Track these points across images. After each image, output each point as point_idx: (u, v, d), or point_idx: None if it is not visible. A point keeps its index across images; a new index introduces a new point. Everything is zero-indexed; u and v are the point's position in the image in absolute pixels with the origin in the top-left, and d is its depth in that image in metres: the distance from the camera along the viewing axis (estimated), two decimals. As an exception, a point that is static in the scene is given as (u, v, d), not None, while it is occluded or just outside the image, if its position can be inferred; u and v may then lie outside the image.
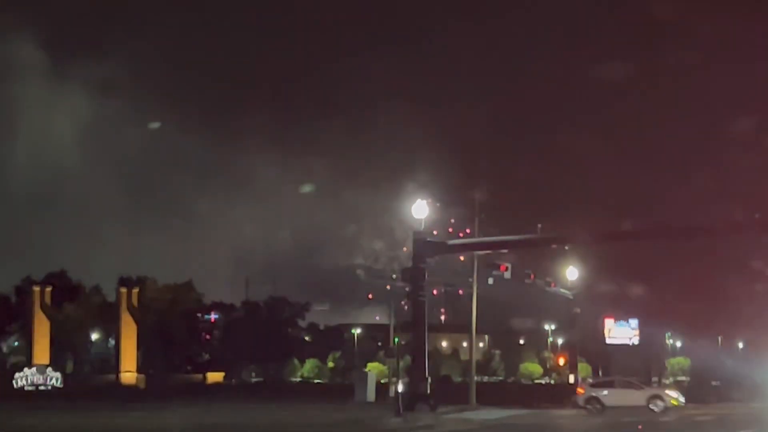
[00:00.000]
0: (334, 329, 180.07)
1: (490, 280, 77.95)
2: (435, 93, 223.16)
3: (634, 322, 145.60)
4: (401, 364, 73.27)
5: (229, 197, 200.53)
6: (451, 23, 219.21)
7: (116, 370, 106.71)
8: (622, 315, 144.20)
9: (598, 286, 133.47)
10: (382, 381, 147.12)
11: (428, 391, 57.69)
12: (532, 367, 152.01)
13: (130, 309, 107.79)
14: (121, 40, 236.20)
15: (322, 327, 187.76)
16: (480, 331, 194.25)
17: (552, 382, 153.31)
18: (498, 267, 73.80)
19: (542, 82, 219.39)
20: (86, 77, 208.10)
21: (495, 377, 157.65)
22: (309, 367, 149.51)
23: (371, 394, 74.98)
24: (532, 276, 77.86)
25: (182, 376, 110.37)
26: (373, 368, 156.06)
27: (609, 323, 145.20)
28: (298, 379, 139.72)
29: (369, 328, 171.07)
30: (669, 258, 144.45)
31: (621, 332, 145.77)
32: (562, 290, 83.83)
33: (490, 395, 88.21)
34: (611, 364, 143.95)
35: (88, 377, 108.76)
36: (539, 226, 75.02)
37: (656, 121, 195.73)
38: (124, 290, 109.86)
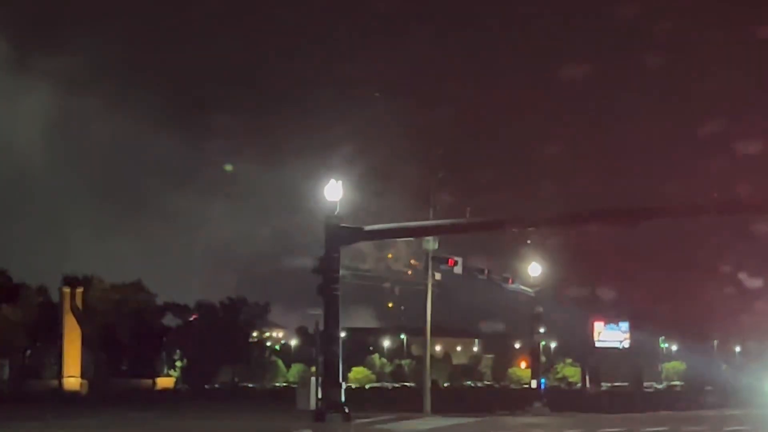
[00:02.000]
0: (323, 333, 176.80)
1: (438, 275, 73.80)
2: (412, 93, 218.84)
3: (624, 325, 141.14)
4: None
5: (199, 196, 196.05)
6: (419, 26, 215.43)
7: (58, 374, 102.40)
8: (612, 317, 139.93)
9: (581, 286, 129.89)
10: (366, 386, 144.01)
11: (342, 398, 52.69)
12: (521, 372, 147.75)
13: (74, 310, 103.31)
14: (90, 35, 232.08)
15: (311, 331, 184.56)
16: (470, 335, 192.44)
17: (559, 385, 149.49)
18: (446, 261, 69.45)
19: (503, 84, 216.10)
20: (52, 72, 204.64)
21: (482, 382, 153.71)
22: (294, 371, 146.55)
23: (314, 401, 70.75)
24: (486, 272, 72.55)
25: (129, 382, 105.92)
26: (358, 373, 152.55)
27: (598, 326, 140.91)
28: (283, 384, 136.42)
29: (354, 332, 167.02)
30: (659, 258, 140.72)
31: (611, 335, 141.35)
32: (522, 287, 78.43)
33: (457, 401, 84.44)
34: (600, 367, 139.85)
35: (24, 383, 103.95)
36: (468, 209, 70.65)
37: (621, 124, 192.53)
38: (67, 290, 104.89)
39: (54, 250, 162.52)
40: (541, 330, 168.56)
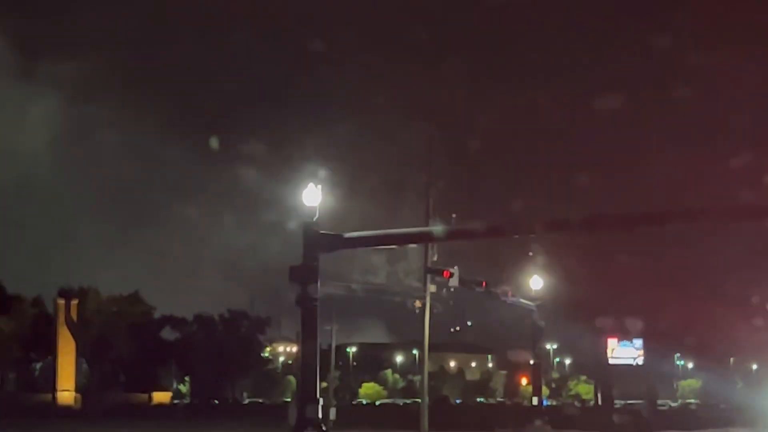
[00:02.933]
0: (337, 349, 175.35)
1: (433, 288, 71.85)
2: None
3: (638, 342, 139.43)
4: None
5: (206, 207, 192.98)
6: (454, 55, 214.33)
7: (52, 388, 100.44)
8: (626, 334, 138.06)
9: (596, 301, 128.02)
10: (377, 403, 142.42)
11: (319, 415, 50.47)
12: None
13: (68, 322, 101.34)
14: (98, 44, 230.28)
15: (325, 346, 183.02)
16: (483, 351, 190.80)
17: (553, 403, 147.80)
18: (441, 272, 67.20)
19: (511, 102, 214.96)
20: (59, 80, 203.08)
21: (494, 398, 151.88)
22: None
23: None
24: (484, 283, 69.85)
25: (124, 396, 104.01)
26: (368, 389, 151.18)
27: (612, 343, 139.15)
28: (289, 399, 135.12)
29: (366, 347, 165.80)
30: (677, 278, 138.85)
31: (625, 352, 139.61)
32: (523, 300, 75.92)
33: (459, 417, 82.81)
34: (614, 385, 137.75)
35: (16, 397, 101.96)
36: (453, 215, 68.52)
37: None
38: (62, 302, 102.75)
39: (55, 262, 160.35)
40: (554, 346, 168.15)
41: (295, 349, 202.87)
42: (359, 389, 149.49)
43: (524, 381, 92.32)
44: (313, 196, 47.51)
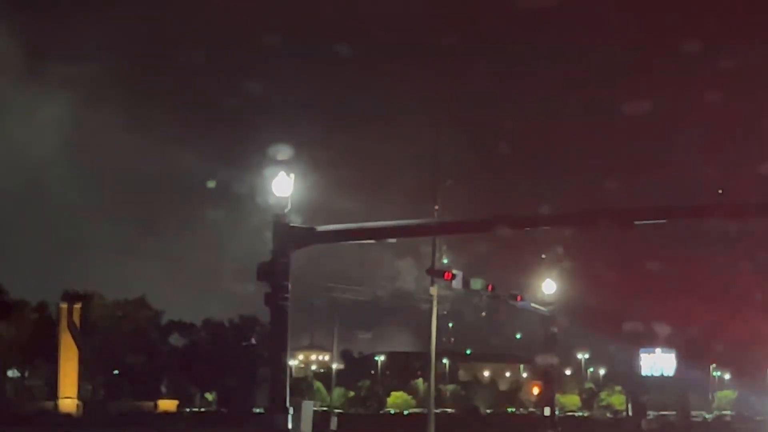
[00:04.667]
0: (368, 357, 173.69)
1: (433, 290, 69.51)
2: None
3: (671, 354, 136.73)
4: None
5: (229, 210, 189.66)
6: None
7: (54, 396, 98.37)
8: (657, 343, 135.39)
9: (626, 309, 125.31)
10: (405, 413, 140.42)
11: (289, 426, 46.84)
12: (564, 399, 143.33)
13: (71, 328, 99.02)
14: (108, 47, 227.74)
15: (356, 355, 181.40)
16: (515, 360, 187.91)
17: (585, 414, 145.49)
18: (442, 274, 64.38)
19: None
20: (68, 82, 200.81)
21: (525, 408, 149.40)
22: (336, 395, 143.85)
23: (307, 426, 67.06)
24: (490, 287, 66.76)
25: (129, 404, 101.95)
26: (396, 398, 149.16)
27: (644, 352, 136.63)
28: (323, 408, 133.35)
29: (394, 356, 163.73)
30: (713, 288, 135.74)
31: (658, 363, 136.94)
32: (534, 305, 72.79)
33: (472, 428, 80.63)
34: (647, 396, 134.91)
35: (15, 404, 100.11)
36: (436, 207, 66.12)
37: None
38: (64, 306, 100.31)
39: (64, 266, 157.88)
40: (586, 356, 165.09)
41: (327, 357, 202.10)
42: (387, 398, 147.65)
43: (536, 390, 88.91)
44: (283, 186, 43.61)
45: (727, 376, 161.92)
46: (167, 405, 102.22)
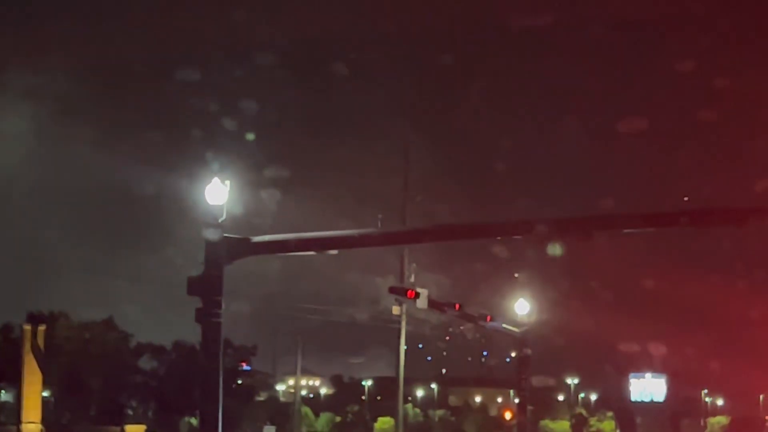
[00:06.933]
0: (357, 382, 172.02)
1: (395, 310, 67.21)
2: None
3: (661, 378, 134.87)
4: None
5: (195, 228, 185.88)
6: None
7: (17, 421, 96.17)
8: (647, 368, 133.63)
9: (614, 332, 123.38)
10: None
11: None
12: (553, 425, 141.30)
13: (34, 350, 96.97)
14: (80, 57, 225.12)
15: (346, 380, 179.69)
16: (507, 385, 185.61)
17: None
18: (405, 292, 61.79)
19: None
20: (35, 94, 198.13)
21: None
22: (323, 421, 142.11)
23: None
24: (457, 306, 63.94)
25: (94, 429, 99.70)
26: (383, 423, 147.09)
27: (634, 379, 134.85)
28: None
29: (382, 381, 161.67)
30: (704, 312, 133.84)
31: (648, 388, 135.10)
32: (505, 326, 69.70)
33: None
34: (635, 420, 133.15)
35: None
36: (380, 216, 63.62)
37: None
38: (28, 328, 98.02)
39: (32, 287, 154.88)
40: (575, 380, 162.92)
41: (318, 382, 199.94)
42: (375, 424, 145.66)
43: (508, 415, 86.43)
44: (217, 193, 41.18)
45: (719, 402, 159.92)
46: (134, 430, 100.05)
